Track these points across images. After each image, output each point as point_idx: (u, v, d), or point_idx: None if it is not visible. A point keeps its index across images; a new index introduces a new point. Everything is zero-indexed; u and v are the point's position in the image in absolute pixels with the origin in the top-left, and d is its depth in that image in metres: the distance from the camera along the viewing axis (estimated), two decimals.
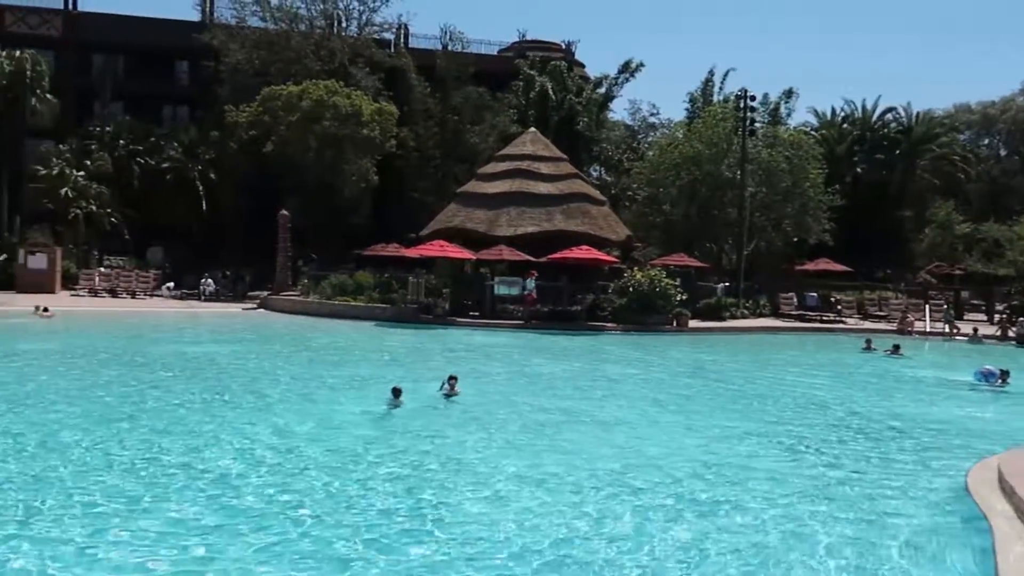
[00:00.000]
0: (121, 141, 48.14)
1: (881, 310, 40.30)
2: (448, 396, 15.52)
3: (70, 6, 53.68)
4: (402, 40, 56.77)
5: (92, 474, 9.93)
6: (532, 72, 54.91)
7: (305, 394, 15.92)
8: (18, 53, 45.37)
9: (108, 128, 48.79)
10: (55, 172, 44.28)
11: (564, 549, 7.97)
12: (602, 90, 58.27)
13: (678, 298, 32.80)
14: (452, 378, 15.81)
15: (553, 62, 56.40)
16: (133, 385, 16.30)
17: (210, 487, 9.53)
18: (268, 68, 48.86)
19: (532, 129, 42.88)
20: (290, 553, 7.64)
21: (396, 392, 14.72)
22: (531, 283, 32.25)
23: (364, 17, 53.72)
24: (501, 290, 33.18)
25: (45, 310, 29.85)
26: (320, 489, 9.61)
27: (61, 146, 47.00)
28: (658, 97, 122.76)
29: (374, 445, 11.86)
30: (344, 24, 53.47)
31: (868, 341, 28.04)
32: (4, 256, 41.70)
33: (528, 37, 62.51)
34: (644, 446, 12.44)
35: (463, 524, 8.57)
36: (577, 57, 62.46)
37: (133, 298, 39.85)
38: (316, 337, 26.74)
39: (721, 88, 56.20)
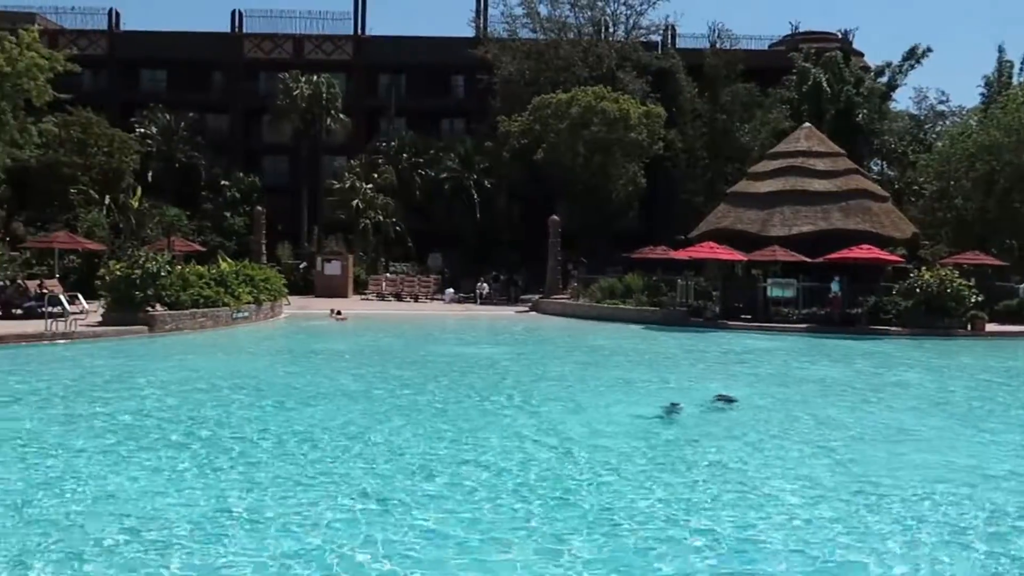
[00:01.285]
0: (404, 155, 51.40)
1: None
2: (726, 402, 15.19)
3: (359, 31, 57.92)
4: (669, 41, 56.44)
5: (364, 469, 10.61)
6: (806, 65, 52.50)
7: (581, 397, 16.10)
8: (315, 78, 49.85)
9: (393, 143, 52.30)
10: (347, 185, 48.11)
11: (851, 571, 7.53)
12: (884, 79, 54.87)
13: (972, 300, 30.38)
14: (721, 396, 15.45)
15: (828, 53, 53.74)
16: (419, 384, 17.28)
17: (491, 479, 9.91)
18: (538, 77, 50.36)
19: (806, 124, 41.04)
20: (558, 547, 7.75)
21: (674, 404, 14.58)
22: (836, 285, 31.03)
23: (631, 21, 54.12)
24: (775, 292, 32.12)
25: (338, 314, 32.50)
26: (596, 491, 9.70)
27: (352, 161, 50.98)
28: (948, 83, 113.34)
29: (652, 451, 11.81)
30: (611, 29, 54.00)
31: None
32: (304, 264, 45.84)
33: (801, 29, 60.16)
34: (940, 462, 11.50)
35: (743, 538, 8.32)
36: (855, 46, 59.12)
37: (416, 302, 42.44)
38: (588, 339, 27.13)
39: (1022, 69, 51.37)
